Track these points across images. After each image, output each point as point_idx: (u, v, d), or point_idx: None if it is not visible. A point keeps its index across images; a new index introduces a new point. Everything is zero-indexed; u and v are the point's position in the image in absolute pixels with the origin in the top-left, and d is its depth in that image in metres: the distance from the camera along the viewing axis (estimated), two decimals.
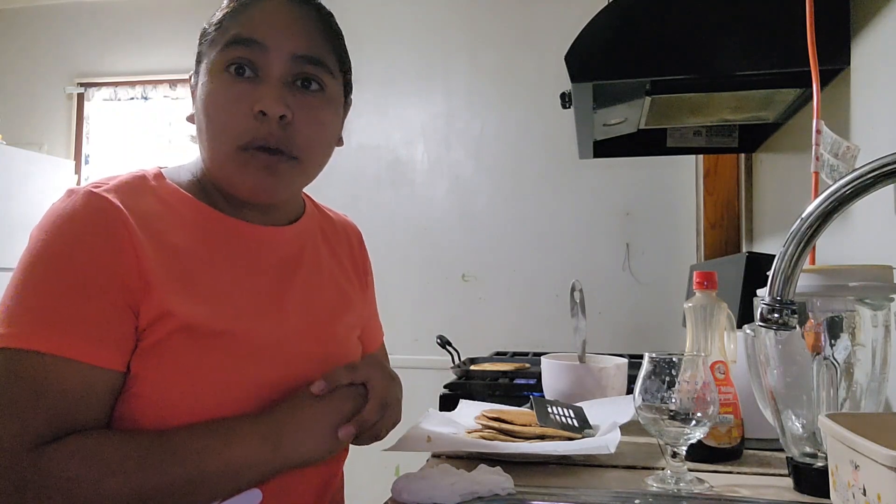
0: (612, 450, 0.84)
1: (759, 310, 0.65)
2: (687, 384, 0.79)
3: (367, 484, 1.42)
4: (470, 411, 1.12)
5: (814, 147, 1.00)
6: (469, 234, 2.73)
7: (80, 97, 3.20)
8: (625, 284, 2.60)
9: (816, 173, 1.00)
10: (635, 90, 1.29)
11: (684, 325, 0.97)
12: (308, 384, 0.76)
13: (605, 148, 1.78)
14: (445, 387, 1.62)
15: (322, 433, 0.74)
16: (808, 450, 0.78)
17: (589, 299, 1.38)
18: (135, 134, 3.15)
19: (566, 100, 1.34)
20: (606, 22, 1.17)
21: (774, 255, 0.64)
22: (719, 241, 2.24)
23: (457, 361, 1.96)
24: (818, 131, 1.00)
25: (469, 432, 1.01)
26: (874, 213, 1.01)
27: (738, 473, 0.86)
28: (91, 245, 0.67)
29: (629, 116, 1.50)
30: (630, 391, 0.98)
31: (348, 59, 0.83)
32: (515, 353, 2.21)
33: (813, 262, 0.96)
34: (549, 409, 0.99)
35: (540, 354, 1.65)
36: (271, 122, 0.73)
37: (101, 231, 0.67)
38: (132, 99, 3.15)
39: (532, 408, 1.01)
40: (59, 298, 0.65)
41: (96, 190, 0.70)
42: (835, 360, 0.74)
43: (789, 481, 0.79)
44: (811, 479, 0.76)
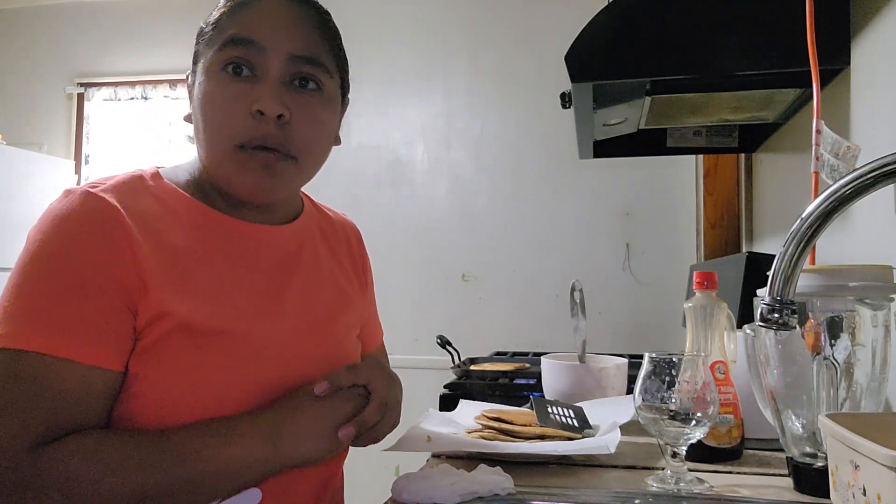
0: (612, 450, 0.84)
1: (759, 310, 0.65)
2: (687, 384, 0.79)
3: (367, 484, 1.42)
4: (470, 411, 1.12)
5: (814, 147, 1.00)
6: (469, 234, 2.73)
7: (80, 97, 3.20)
8: (625, 284, 2.60)
9: (816, 173, 1.00)
10: (635, 90, 1.29)
11: (684, 325, 0.97)
12: (308, 383, 0.76)
13: (605, 148, 1.78)
14: (445, 387, 1.62)
15: (322, 433, 0.73)
16: (808, 450, 0.78)
17: (589, 299, 1.38)
18: (135, 134, 3.15)
19: (566, 100, 1.34)
20: (606, 22, 1.17)
21: (774, 255, 0.64)
22: (719, 241, 2.24)
23: (457, 361, 1.96)
24: (818, 131, 1.00)
25: (469, 432, 1.01)
26: (874, 213, 1.01)
27: (738, 473, 0.86)
28: (88, 245, 0.67)
29: (629, 116, 1.50)
30: (630, 391, 0.98)
31: (346, 59, 0.83)
32: (515, 353, 2.21)
33: (813, 262, 0.96)
34: (549, 409, 0.99)
35: (540, 354, 1.65)
36: (269, 122, 0.73)
37: (98, 231, 0.67)
38: (132, 99, 3.15)
39: (532, 408, 1.01)
40: (57, 299, 0.65)
41: (93, 190, 0.70)
42: (835, 360, 0.74)
43: (789, 481, 0.79)
44: (811, 479, 0.76)
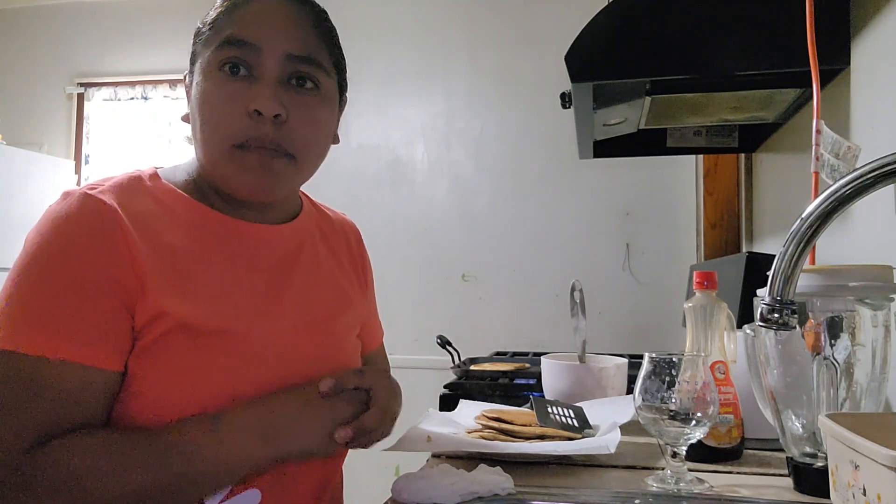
0: (612, 450, 0.84)
1: (759, 310, 0.65)
2: (687, 384, 0.79)
3: (367, 484, 1.42)
4: (470, 411, 1.12)
5: (814, 147, 1.00)
6: (469, 234, 2.73)
7: (80, 97, 3.20)
8: (625, 284, 2.60)
9: (816, 173, 1.00)
10: (635, 90, 1.29)
11: (684, 325, 0.97)
12: (308, 382, 0.76)
13: (605, 148, 1.78)
14: (445, 387, 1.62)
15: (318, 429, 0.73)
16: (808, 450, 0.78)
17: (589, 299, 1.38)
18: (135, 134, 3.15)
19: (566, 100, 1.34)
20: (606, 22, 1.17)
21: (774, 255, 0.64)
22: (719, 241, 2.24)
23: (457, 361, 1.96)
24: (818, 131, 1.00)
25: (469, 432, 1.01)
26: (874, 213, 1.01)
27: (738, 473, 0.86)
28: (86, 246, 0.67)
29: (629, 116, 1.50)
30: (630, 391, 0.98)
31: (343, 57, 0.83)
32: (515, 353, 2.21)
33: (813, 262, 0.96)
34: (549, 409, 0.99)
35: (540, 354, 1.65)
36: (266, 122, 0.73)
37: (96, 232, 0.67)
38: (132, 99, 3.15)
39: (532, 408, 1.01)
40: (56, 300, 0.65)
41: (91, 192, 0.70)
42: (835, 360, 0.74)
43: (789, 481, 0.79)
44: (811, 479, 0.76)
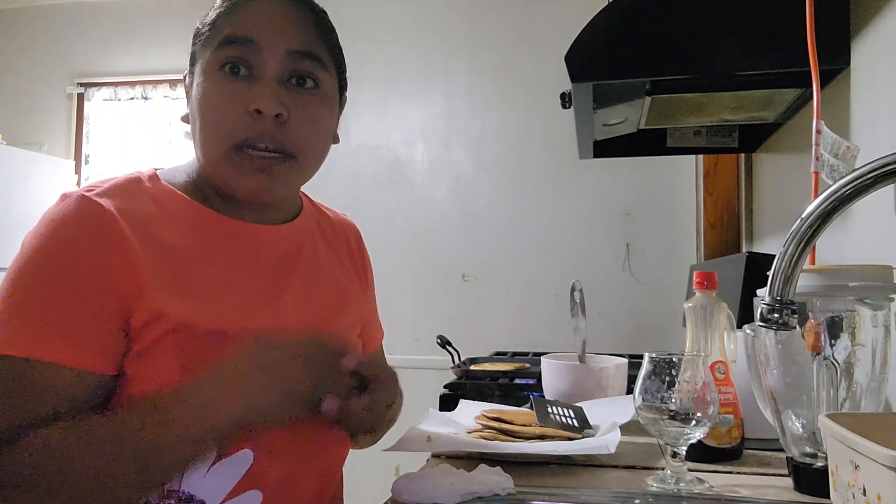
0: (612, 450, 0.84)
1: (759, 310, 0.65)
2: (687, 384, 0.79)
3: (367, 484, 1.42)
4: (470, 411, 1.12)
5: (814, 147, 1.00)
6: (469, 234, 2.73)
7: (80, 97, 3.20)
8: (625, 284, 2.60)
9: (816, 173, 1.00)
10: (635, 90, 1.29)
11: (684, 325, 0.97)
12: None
13: (605, 148, 1.78)
14: (445, 387, 1.62)
15: (265, 390, 0.67)
16: (808, 450, 0.78)
17: (589, 299, 1.37)
18: (135, 134, 3.15)
19: (566, 100, 1.34)
20: (606, 22, 1.17)
21: (774, 255, 0.64)
22: (719, 241, 2.24)
23: (457, 361, 1.96)
24: (818, 131, 1.00)
25: (469, 432, 1.01)
26: (874, 213, 1.00)
27: (738, 473, 0.86)
28: (81, 249, 0.67)
29: (629, 116, 1.50)
30: (630, 391, 0.98)
31: (343, 57, 0.83)
32: (515, 353, 2.21)
33: (813, 262, 0.96)
34: (549, 409, 0.99)
35: (540, 354, 1.65)
36: (267, 121, 0.73)
37: (91, 235, 0.67)
38: (132, 99, 3.15)
39: (532, 408, 1.01)
40: (47, 302, 0.65)
41: (88, 194, 0.70)
42: (835, 360, 0.74)
43: (789, 481, 0.79)
44: (811, 479, 0.76)
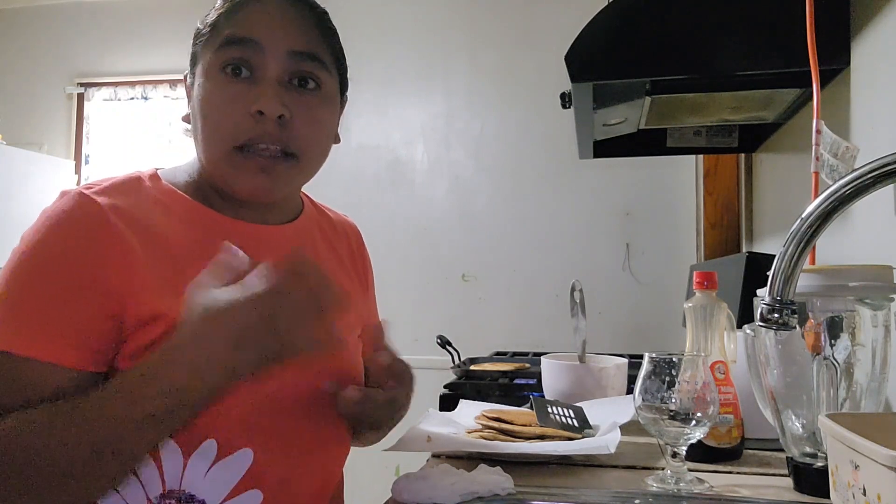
0: (612, 450, 0.84)
1: (759, 310, 0.65)
2: (687, 384, 0.79)
3: (367, 484, 1.42)
4: (470, 411, 1.12)
5: (814, 147, 1.00)
6: (469, 234, 2.73)
7: (80, 97, 3.20)
8: (625, 284, 2.60)
9: (816, 173, 1.00)
10: (635, 90, 1.29)
11: (684, 325, 0.97)
12: (302, 382, 0.75)
13: (605, 148, 1.78)
14: (445, 387, 1.62)
15: (211, 364, 0.62)
16: (808, 450, 0.78)
17: (589, 299, 1.37)
18: (135, 134, 3.15)
19: (566, 100, 1.34)
20: (606, 22, 1.17)
21: (774, 255, 0.64)
22: (719, 241, 2.24)
23: (457, 361, 1.96)
24: (818, 131, 1.00)
25: (469, 432, 1.01)
26: (874, 213, 1.00)
27: (738, 473, 0.86)
28: (74, 246, 0.67)
29: (629, 116, 1.50)
30: (630, 391, 0.98)
31: (344, 57, 0.83)
32: (515, 353, 2.21)
33: (813, 262, 0.96)
34: (549, 409, 0.99)
35: (540, 354, 1.65)
36: (269, 122, 0.73)
37: (86, 233, 0.67)
38: (132, 99, 3.15)
39: (532, 408, 1.01)
40: (34, 298, 0.65)
41: (87, 192, 0.70)
42: (835, 360, 0.74)
43: (789, 481, 0.79)
44: (811, 479, 0.76)
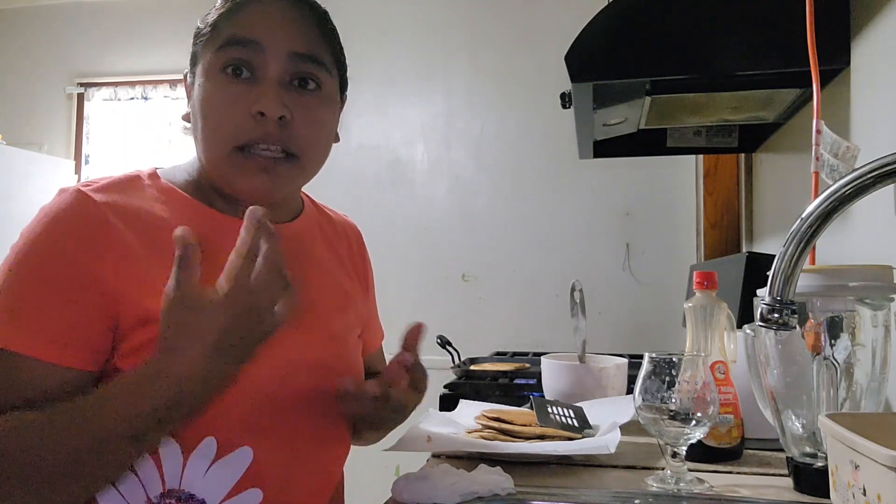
0: (612, 450, 0.84)
1: (759, 310, 0.65)
2: (687, 384, 0.79)
3: (367, 484, 1.42)
4: (470, 411, 1.12)
5: (814, 147, 1.00)
6: (469, 234, 2.73)
7: (80, 97, 3.20)
8: (625, 284, 2.60)
9: (816, 173, 1.00)
10: (635, 90, 1.29)
11: (684, 325, 0.97)
12: (304, 381, 0.76)
13: (605, 148, 1.78)
14: (445, 387, 1.62)
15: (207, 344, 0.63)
16: (808, 450, 0.78)
17: (589, 299, 1.37)
18: (135, 134, 3.15)
19: (566, 100, 1.34)
20: (606, 22, 1.17)
21: (774, 255, 0.64)
22: (719, 241, 2.24)
23: (457, 361, 1.96)
24: (818, 131, 1.00)
25: (469, 432, 1.01)
26: (874, 213, 1.01)
27: (738, 473, 0.86)
28: (69, 245, 0.67)
29: (629, 116, 1.50)
30: (630, 391, 0.99)
31: (344, 57, 0.83)
32: (515, 353, 2.21)
33: (813, 262, 0.96)
34: (549, 409, 0.99)
35: (540, 354, 1.65)
36: (270, 123, 0.73)
37: (81, 231, 0.67)
38: (132, 99, 3.15)
39: (532, 408, 1.01)
40: (26, 295, 0.65)
41: (85, 189, 0.70)
42: (835, 360, 0.74)
43: (789, 481, 0.79)
44: (811, 479, 0.76)
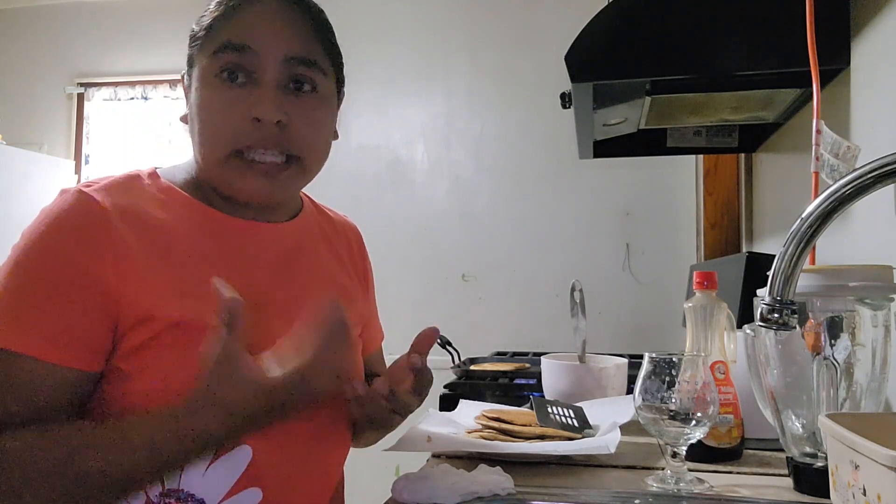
0: (612, 450, 0.84)
1: (759, 310, 0.65)
2: (687, 384, 0.79)
3: (367, 484, 1.42)
4: (470, 411, 1.12)
5: (814, 147, 1.00)
6: (469, 234, 2.73)
7: (80, 97, 3.20)
8: (625, 284, 2.60)
9: (816, 173, 1.00)
10: (635, 90, 1.29)
11: (684, 325, 0.97)
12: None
13: (605, 148, 1.78)
14: (445, 387, 1.62)
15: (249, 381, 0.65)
16: (808, 450, 0.78)
17: (589, 299, 1.37)
18: (135, 134, 3.15)
19: (566, 100, 1.34)
20: (606, 22, 1.17)
21: (774, 255, 0.64)
22: (719, 241, 2.24)
23: (457, 361, 1.96)
24: (818, 131, 1.00)
25: (469, 432, 1.01)
26: (874, 213, 1.01)
27: (738, 473, 0.86)
28: (68, 245, 0.67)
29: (629, 116, 1.50)
30: (630, 391, 0.99)
31: (340, 54, 0.82)
32: (515, 353, 2.20)
33: (813, 262, 0.96)
34: (549, 409, 0.99)
35: (540, 354, 1.65)
36: (267, 128, 0.73)
37: (82, 232, 0.68)
38: (132, 99, 3.15)
39: (532, 408, 1.01)
40: (28, 296, 0.66)
41: (86, 190, 0.70)
42: (835, 360, 0.74)
43: (789, 481, 0.79)
44: (811, 479, 0.76)
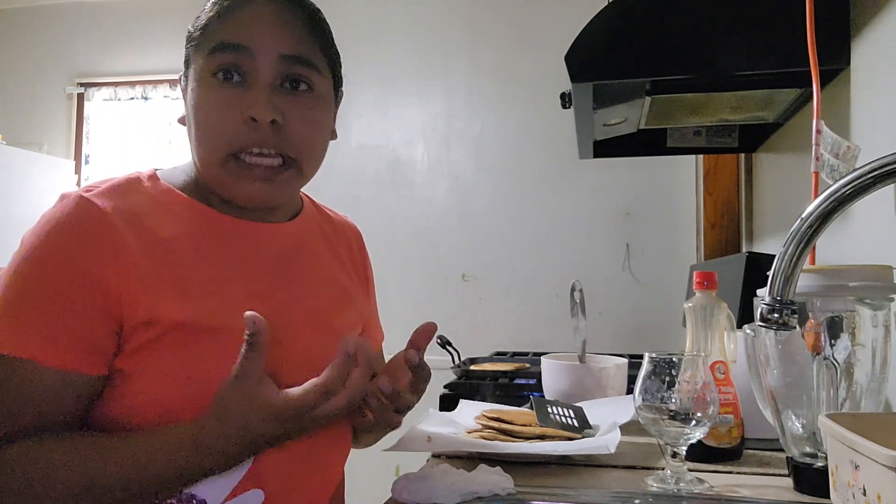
0: (612, 450, 0.84)
1: (759, 310, 0.65)
2: (687, 384, 0.79)
3: (367, 484, 1.42)
4: (470, 411, 1.12)
5: (814, 147, 1.00)
6: (469, 234, 2.73)
7: (80, 97, 3.20)
8: (625, 284, 2.60)
9: (816, 173, 1.00)
10: (635, 90, 1.29)
11: (684, 325, 0.97)
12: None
13: (605, 148, 1.78)
14: (445, 387, 1.62)
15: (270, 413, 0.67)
16: (808, 450, 0.78)
17: (589, 299, 1.37)
18: (135, 134, 3.15)
19: (566, 100, 1.34)
20: (606, 22, 1.17)
21: (774, 255, 0.64)
22: (719, 241, 2.24)
23: (457, 361, 1.96)
24: (818, 131, 1.00)
25: (469, 432, 1.01)
26: (874, 213, 1.01)
27: (738, 473, 0.86)
28: (71, 250, 0.67)
29: (629, 116, 1.50)
30: (630, 391, 0.99)
31: (337, 54, 0.82)
32: (515, 353, 2.20)
33: (813, 262, 0.96)
34: (549, 409, 0.99)
35: (540, 354, 1.65)
36: (263, 128, 0.73)
37: (84, 237, 0.68)
38: (132, 99, 3.15)
39: (532, 408, 1.01)
40: (33, 302, 0.66)
41: (86, 194, 0.70)
42: (835, 360, 0.74)
43: (789, 481, 0.79)
44: (811, 479, 0.76)
